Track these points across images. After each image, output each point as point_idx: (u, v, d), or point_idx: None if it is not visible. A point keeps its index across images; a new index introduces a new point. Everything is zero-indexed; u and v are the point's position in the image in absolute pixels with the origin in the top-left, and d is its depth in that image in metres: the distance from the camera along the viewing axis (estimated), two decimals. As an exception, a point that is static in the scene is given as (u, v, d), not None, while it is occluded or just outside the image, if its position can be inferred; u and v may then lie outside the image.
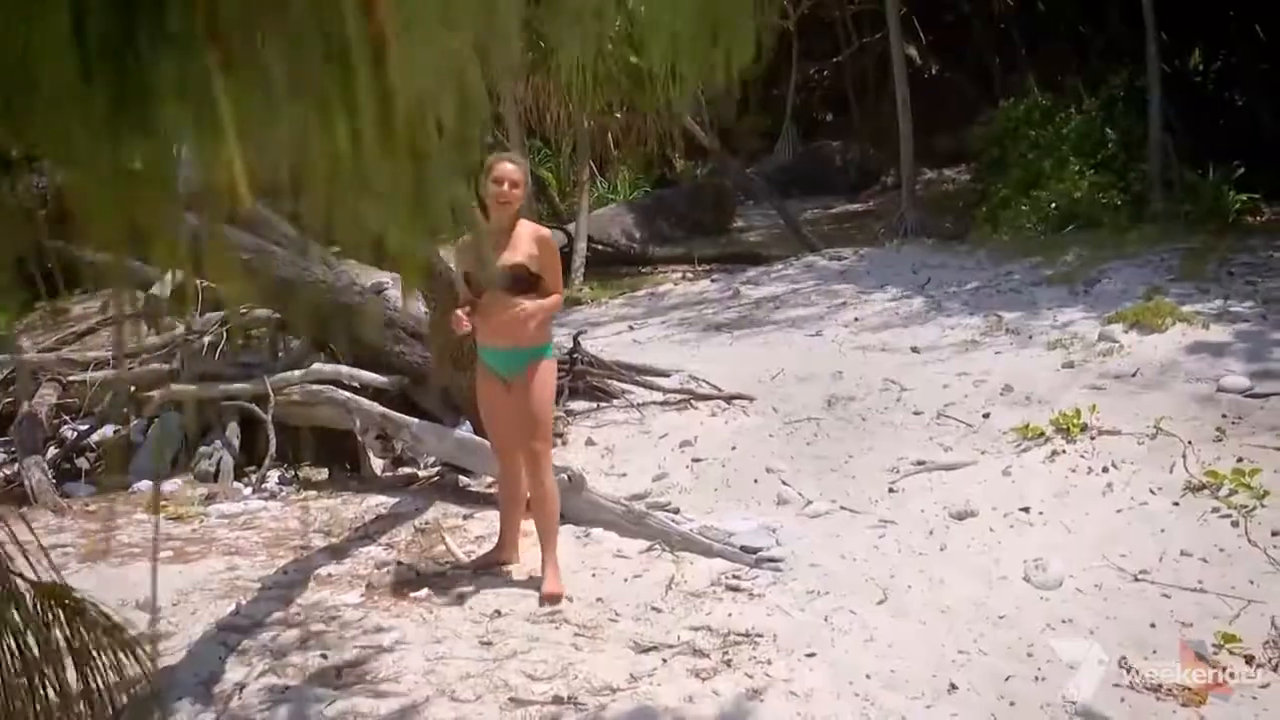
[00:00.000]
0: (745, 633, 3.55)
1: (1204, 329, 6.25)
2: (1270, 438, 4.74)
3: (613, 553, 4.37)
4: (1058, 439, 5.07)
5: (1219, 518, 4.13)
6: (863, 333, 7.73)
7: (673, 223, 14.98)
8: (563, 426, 6.23)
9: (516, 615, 3.76)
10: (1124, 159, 10.37)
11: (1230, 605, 3.46)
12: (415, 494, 5.30)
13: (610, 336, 8.86)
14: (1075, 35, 13.22)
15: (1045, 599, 3.69)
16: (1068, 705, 2.97)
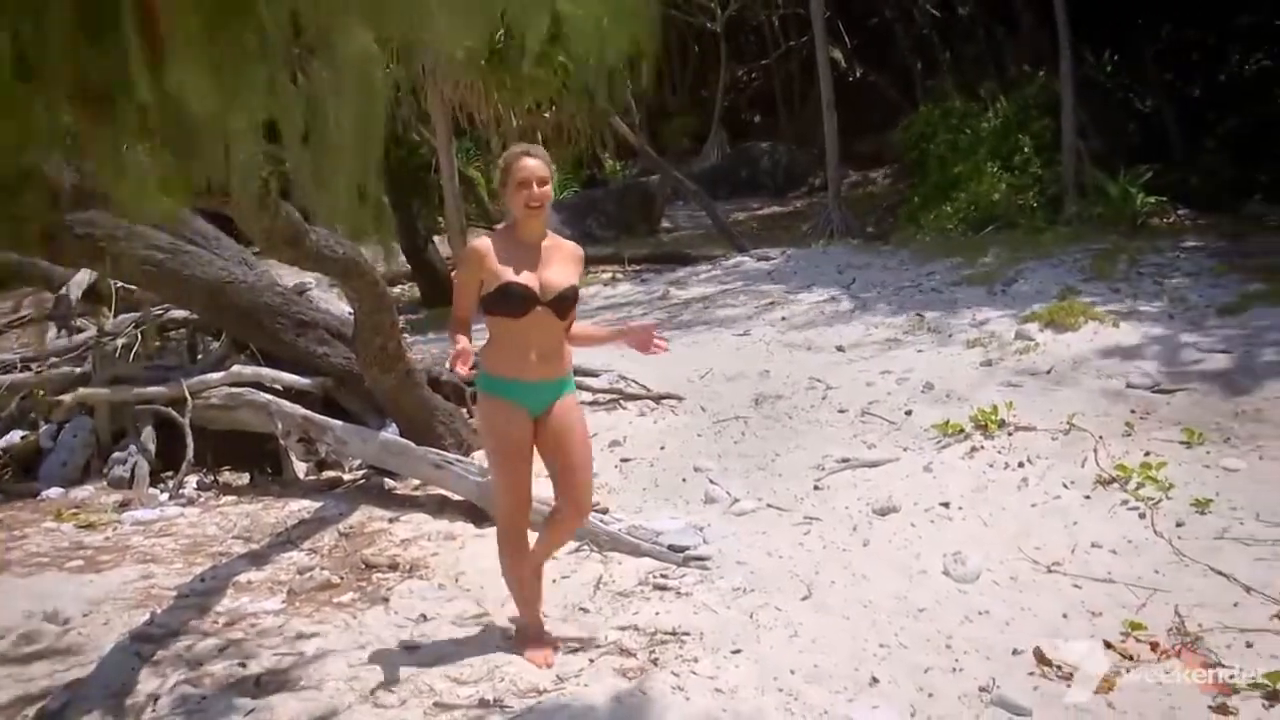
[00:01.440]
0: (672, 631, 3.56)
1: (1114, 327, 6.47)
2: (1175, 432, 4.92)
3: (540, 554, 4.34)
4: (976, 435, 5.20)
5: (1127, 510, 4.28)
6: (789, 332, 7.82)
7: (602, 223, 15.01)
8: (490, 428, 6.19)
9: (443, 619, 3.72)
10: (1039, 162, 10.68)
11: (1137, 594, 3.58)
12: (339, 498, 5.21)
13: (539, 337, 8.82)
14: (992, 41, 13.56)
15: (963, 592, 3.77)
16: (983, 695, 3.04)
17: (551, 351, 3.32)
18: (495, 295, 3.20)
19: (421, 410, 5.59)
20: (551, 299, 3.24)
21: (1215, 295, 6.87)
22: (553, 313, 3.26)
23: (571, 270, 3.34)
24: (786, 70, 19.77)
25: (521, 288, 3.19)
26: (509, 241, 3.28)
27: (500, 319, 3.26)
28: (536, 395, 3.34)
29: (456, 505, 4.94)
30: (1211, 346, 5.93)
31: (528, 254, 3.26)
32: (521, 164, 3.26)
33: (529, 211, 3.23)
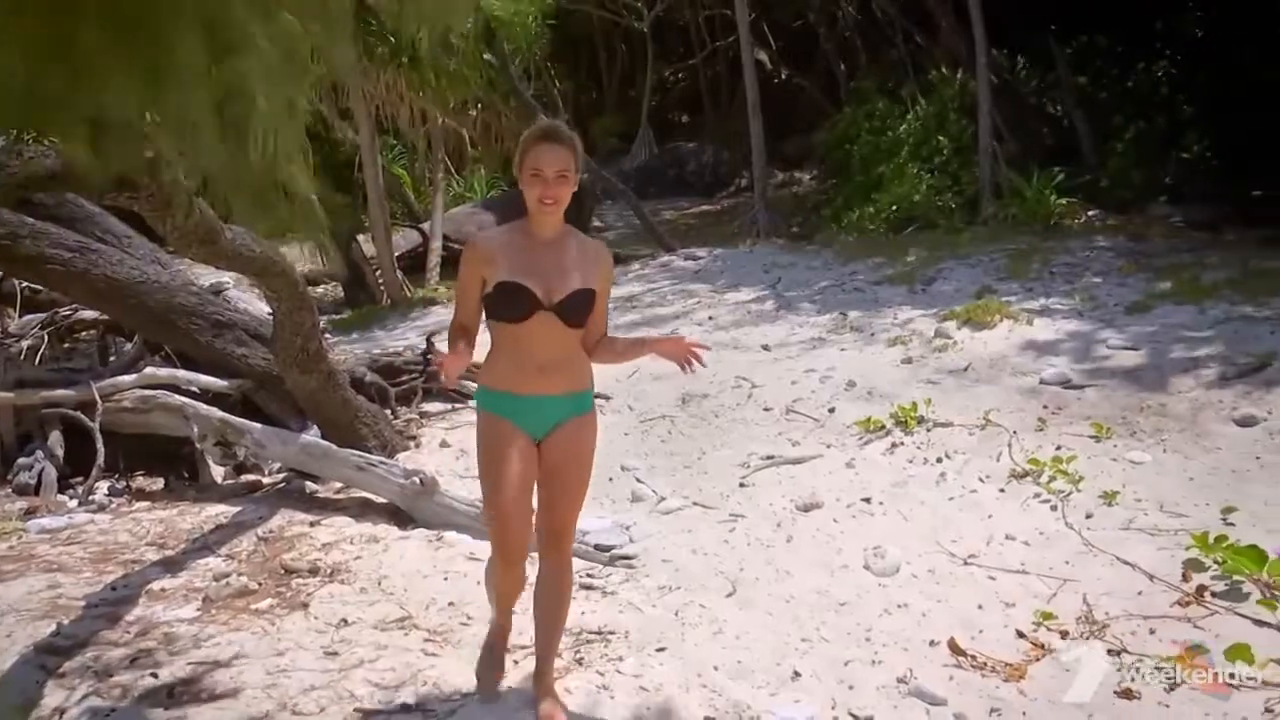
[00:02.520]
0: (598, 630, 3.56)
1: (1029, 325, 6.66)
2: (1085, 426, 5.09)
3: (466, 555, 4.31)
4: (897, 431, 5.30)
5: (1040, 502, 4.41)
6: (716, 331, 7.88)
7: (530, 222, 14.90)
8: (415, 429, 6.13)
9: (364, 623, 3.66)
10: (957, 163, 10.94)
11: (1048, 585, 3.69)
12: (258, 502, 5.09)
13: (466, 337, 8.75)
14: (912, 45, 13.84)
15: (883, 585, 3.85)
16: (900, 686, 3.11)
17: (557, 363, 2.84)
18: (493, 295, 2.80)
19: (344, 412, 5.49)
20: (559, 303, 2.78)
21: (1123, 294, 7.11)
22: (559, 319, 2.79)
23: (590, 272, 2.84)
24: (713, 70, 19.89)
25: (519, 287, 2.76)
26: (519, 237, 2.84)
27: (500, 324, 2.86)
28: (535, 413, 2.86)
29: (380, 508, 4.87)
30: (1120, 344, 6.14)
31: (538, 251, 2.81)
32: (537, 151, 2.75)
33: (539, 208, 2.78)
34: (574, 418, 2.91)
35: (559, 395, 2.89)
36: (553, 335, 2.82)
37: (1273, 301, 6.28)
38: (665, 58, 20.74)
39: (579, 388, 2.94)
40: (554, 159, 2.74)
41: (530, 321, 2.79)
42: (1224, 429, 4.90)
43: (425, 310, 10.42)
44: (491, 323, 2.89)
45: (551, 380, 2.86)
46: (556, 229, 2.86)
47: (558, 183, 2.74)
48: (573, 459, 2.93)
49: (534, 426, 2.88)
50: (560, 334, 2.83)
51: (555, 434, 2.90)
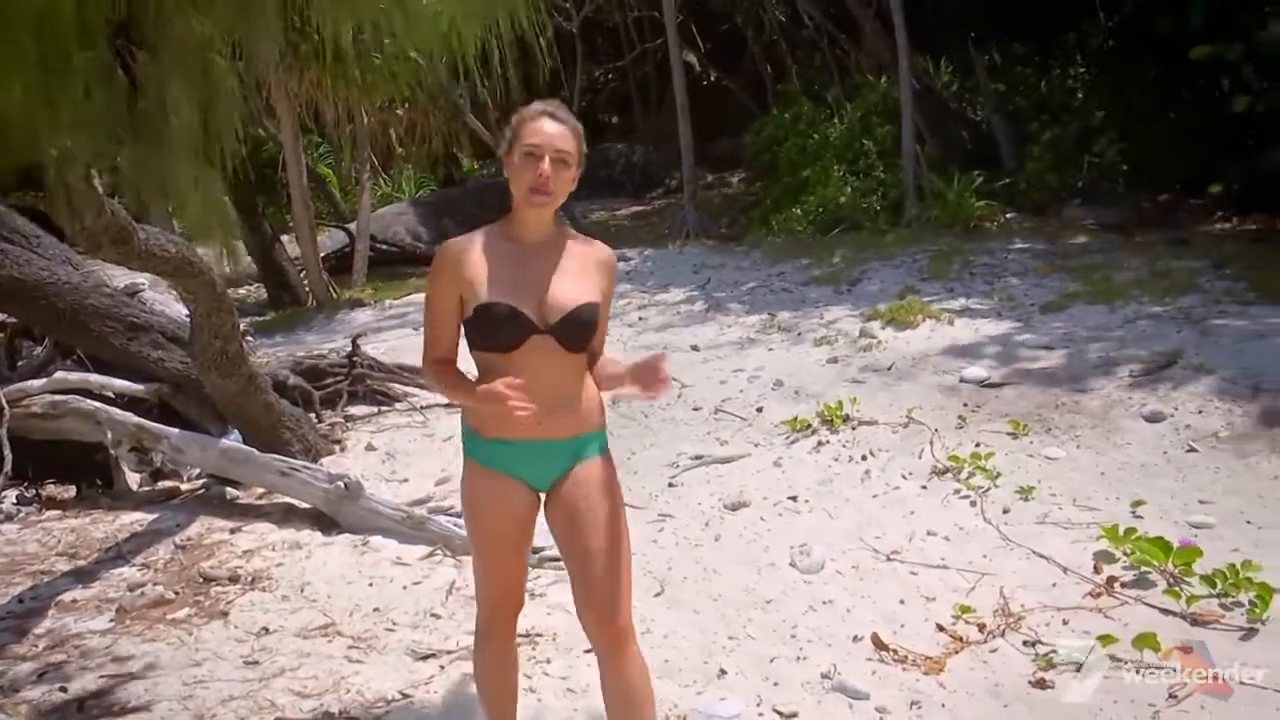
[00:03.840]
0: (525, 633, 3.54)
1: (950, 325, 6.81)
2: (1003, 424, 5.23)
3: (392, 560, 4.26)
4: (823, 430, 5.38)
5: (959, 498, 4.51)
6: (646, 332, 7.92)
7: (459, 222, 14.74)
8: (341, 433, 6.03)
9: (286, 631, 3.59)
10: (881, 166, 11.15)
11: (967, 579, 3.78)
12: (176, 509, 4.96)
13: (395, 339, 8.65)
14: (837, 49, 14.07)
15: (808, 582, 3.90)
16: (824, 682, 3.15)
17: (561, 398, 2.31)
18: (474, 320, 2.28)
19: (266, 416, 5.38)
20: (557, 323, 2.26)
21: (1039, 294, 7.32)
22: (558, 343, 2.27)
23: (590, 282, 2.34)
24: (643, 72, 19.95)
25: (508, 309, 2.24)
26: (500, 242, 2.33)
27: (485, 354, 2.31)
28: (538, 462, 2.36)
29: (303, 513, 4.78)
30: (1036, 343, 6.32)
31: (525, 259, 2.30)
32: (535, 127, 2.27)
33: (533, 199, 2.26)
34: (586, 461, 2.38)
35: (565, 439, 2.35)
36: (552, 365, 2.28)
37: (1178, 301, 6.53)
38: (594, 58, 20.72)
39: (589, 427, 2.40)
40: (556, 136, 2.27)
41: (523, 350, 2.25)
42: (1134, 425, 5.08)
43: (352, 312, 10.27)
44: (477, 354, 2.34)
45: (556, 421, 2.31)
46: (547, 230, 2.36)
47: (556, 168, 2.26)
48: (595, 510, 2.35)
49: (536, 477, 2.39)
50: (562, 362, 2.29)
51: (566, 483, 2.37)
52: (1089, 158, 9.95)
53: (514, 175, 2.30)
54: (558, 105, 2.36)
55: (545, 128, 2.28)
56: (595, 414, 2.43)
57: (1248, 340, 5.73)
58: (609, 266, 2.43)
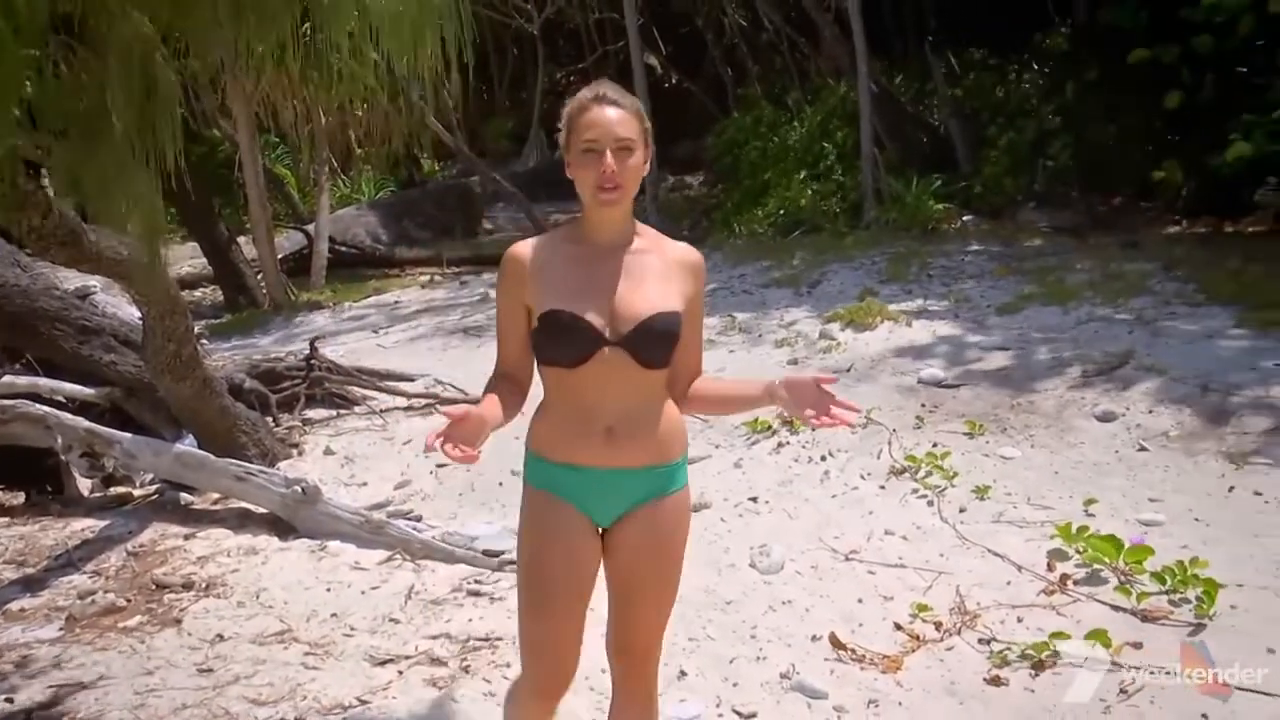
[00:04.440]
0: (485, 637, 3.54)
1: (907, 326, 6.88)
2: (959, 424, 5.29)
3: (350, 565, 4.23)
4: (783, 431, 5.41)
5: (917, 498, 4.56)
6: (607, 334, 7.91)
7: (420, 224, 14.72)
8: (298, 436, 5.97)
9: (241, 638, 3.55)
10: (841, 169, 11.25)
11: (924, 578, 3.82)
12: (128, 515, 4.87)
13: (354, 342, 8.59)
14: (797, 53, 14.17)
15: (768, 583, 3.92)
16: (784, 682, 3.17)
17: (633, 422, 2.07)
18: (538, 330, 2.07)
19: (222, 420, 5.31)
20: (630, 333, 2.03)
21: (995, 296, 7.42)
22: (631, 358, 2.03)
23: (671, 288, 2.10)
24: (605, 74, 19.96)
25: (572, 318, 2.02)
26: (569, 246, 2.12)
27: (551, 369, 2.10)
28: (606, 491, 2.11)
29: (260, 518, 4.72)
30: (992, 344, 6.40)
31: (597, 264, 2.08)
32: (590, 117, 2.04)
33: (602, 198, 2.03)
34: (658, 499, 2.14)
35: (637, 469, 2.11)
36: (624, 382, 2.04)
37: (1130, 303, 6.65)
38: (556, 60, 20.72)
39: (667, 458, 2.15)
40: (613, 123, 2.02)
41: (591, 364, 2.03)
42: (1087, 424, 5.16)
43: (310, 314, 10.17)
44: (543, 368, 2.13)
45: (625, 447, 2.08)
46: (621, 230, 2.12)
47: (620, 157, 2.01)
48: (657, 557, 2.16)
49: (601, 510, 2.13)
50: (635, 380, 2.05)
51: (630, 521, 2.13)
52: (1043, 161, 10.10)
53: (576, 175, 2.06)
54: (608, 86, 2.09)
55: (601, 116, 2.03)
56: (677, 442, 2.16)
57: (1196, 341, 5.84)
58: (695, 270, 2.17)
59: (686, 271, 2.15)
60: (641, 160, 2.06)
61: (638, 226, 2.16)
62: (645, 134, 2.08)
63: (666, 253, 2.15)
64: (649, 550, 2.15)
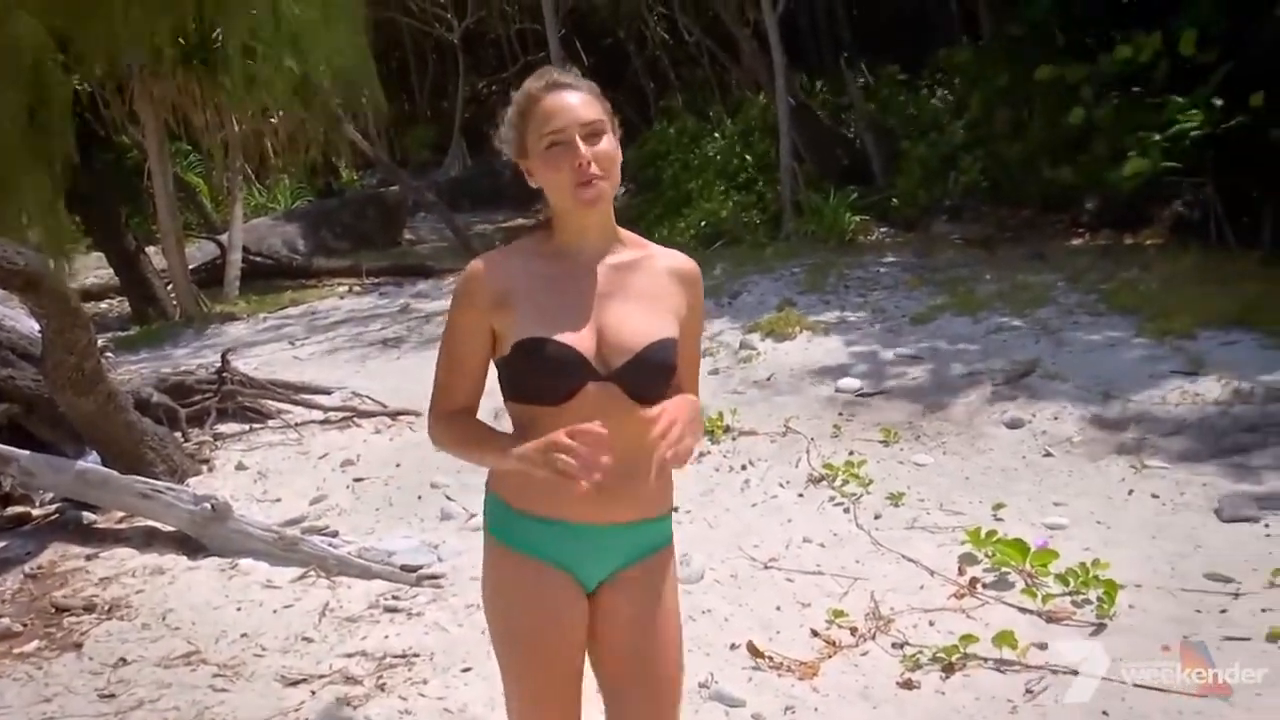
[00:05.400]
0: (401, 654, 3.48)
1: (825, 336, 7.00)
2: (875, 432, 5.40)
3: (262, 583, 4.12)
4: (704, 441, 5.45)
5: (834, 505, 4.64)
6: (528, 345, 7.88)
7: (338, 234, 14.49)
8: (209, 452, 5.81)
9: (146, 661, 3.43)
10: (762, 181, 11.42)
11: (840, 584, 3.88)
12: (26, 536, 4.67)
13: (269, 354, 8.40)
14: (718, 66, 14.35)
15: (688, 592, 3.93)
16: (702, 691, 3.19)
17: (628, 467, 1.68)
18: (511, 361, 1.75)
19: (127, 436, 5.13)
20: (623, 366, 1.73)
21: (909, 306, 7.59)
22: (625, 393, 1.72)
23: (667, 309, 1.81)
24: (527, 84, 19.95)
25: (558, 348, 1.71)
26: (543, 262, 1.80)
27: (525, 407, 1.77)
28: (593, 552, 1.81)
29: (167, 537, 4.57)
30: (906, 353, 6.54)
31: (579, 281, 1.78)
32: (546, 106, 1.73)
33: (582, 195, 1.72)
34: (649, 557, 1.85)
35: (631, 524, 1.80)
36: (618, 423, 1.66)
37: (1036, 313, 6.87)
38: (478, 70, 20.63)
39: (660, 510, 1.87)
40: (576, 107, 1.73)
41: (577, 402, 1.71)
42: (996, 431, 5.32)
43: (223, 326, 9.91)
44: (514, 406, 1.80)
45: (618, 499, 1.75)
46: (603, 238, 1.82)
47: (593, 144, 1.71)
48: (657, 631, 1.84)
49: (587, 572, 1.82)
50: (630, 420, 1.68)
51: (620, 588, 1.82)
52: (954, 175, 10.39)
53: (545, 178, 1.75)
54: (556, 71, 1.82)
55: (559, 102, 1.73)
56: (669, 492, 1.87)
57: (1098, 350, 6.06)
58: (691, 282, 1.88)
59: (681, 284, 1.86)
60: (615, 146, 1.77)
61: (621, 233, 1.85)
62: (611, 116, 1.79)
63: (657, 263, 1.85)
64: (647, 623, 1.81)
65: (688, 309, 1.86)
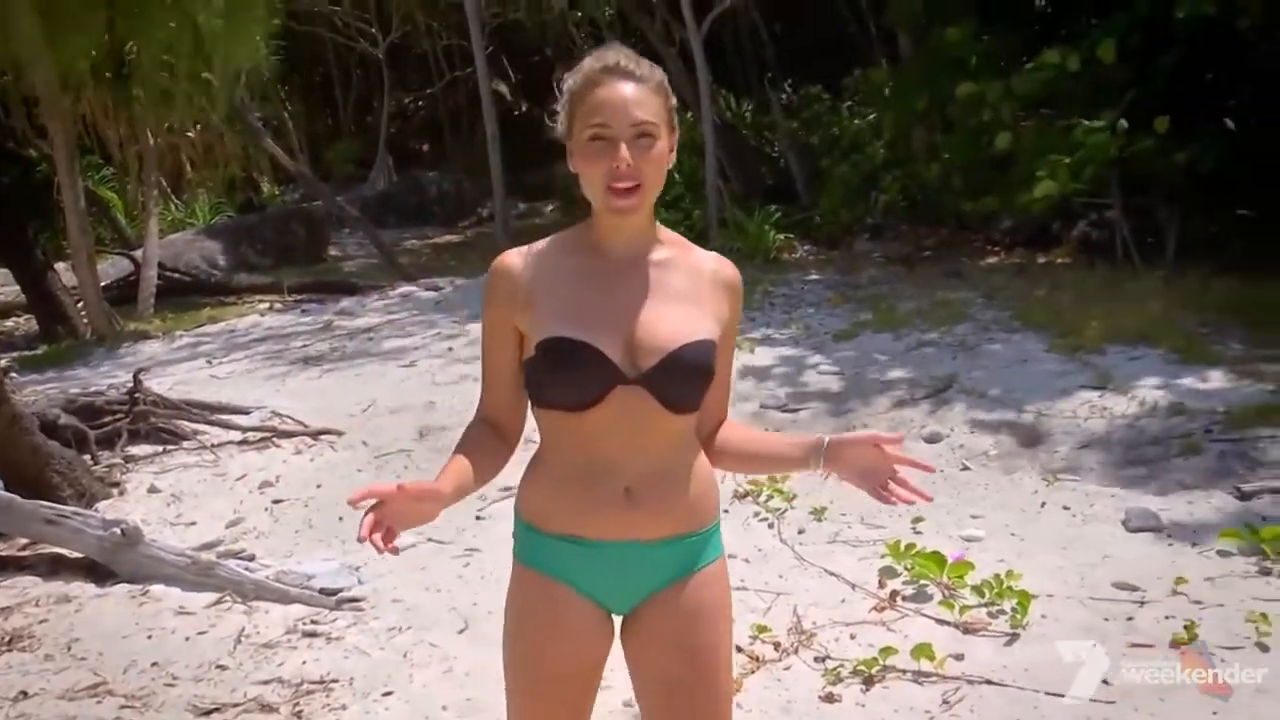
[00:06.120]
0: (320, 680, 3.41)
1: (751, 353, 7.08)
2: (799, 447, 5.46)
3: (174, 610, 4.00)
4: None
5: (759, 521, 4.68)
6: (456, 363, 7.81)
7: (260, 250, 14.20)
8: (120, 475, 5.63)
9: (49, 694, 3.30)
10: (689, 198, 11.53)
11: (764, 599, 3.92)
12: (-78, 566, 4.47)
13: (185, 373, 8.17)
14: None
15: (613, 610, 3.93)
16: (626, 709, 3.18)
17: (661, 478, 1.64)
18: (535, 363, 1.64)
19: (32, 459, 4.95)
20: (652, 369, 1.60)
21: (833, 323, 7.73)
22: (655, 398, 1.60)
23: (704, 311, 1.68)
24: (454, 100, 19.82)
25: (581, 348, 1.59)
26: (576, 255, 1.69)
27: (551, 413, 1.66)
28: (624, 572, 1.68)
29: (74, 564, 4.41)
30: (830, 369, 6.66)
31: (609, 280, 1.66)
32: (599, 95, 1.59)
33: (614, 203, 1.60)
34: (689, 576, 1.70)
35: (664, 540, 1.67)
36: (646, 430, 1.61)
37: (954, 329, 7.04)
38: (404, 85, 20.46)
39: (700, 523, 1.72)
40: (630, 102, 1.58)
41: (603, 407, 1.60)
42: (915, 445, 5.42)
43: (137, 344, 9.60)
44: (539, 412, 1.69)
45: (648, 514, 1.64)
46: (640, 238, 1.69)
47: (639, 147, 1.58)
48: (696, 655, 1.69)
49: (616, 595, 1.70)
50: (659, 426, 1.62)
51: (656, 609, 1.70)
52: (875, 194, 10.62)
53: (582, 170, 1.62)
54: (621, 52, 1.64)
55: (613, 94, 1.58)
56: (711, 503, 1.74)
57: (1012, 365, 6.24)
58: (732, 287, 1.74)
59: (722, 289, 1.72)
60: (666, 149, 1.62)
61: (661, 232, 1.72)
62: (670, 114, 1.64)
63: (697, 265, 1.72)
64: (686, 648, 1.68)
65: (729, 315, 1.73)
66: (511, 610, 1.76)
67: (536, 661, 1.71)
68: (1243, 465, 4.73)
